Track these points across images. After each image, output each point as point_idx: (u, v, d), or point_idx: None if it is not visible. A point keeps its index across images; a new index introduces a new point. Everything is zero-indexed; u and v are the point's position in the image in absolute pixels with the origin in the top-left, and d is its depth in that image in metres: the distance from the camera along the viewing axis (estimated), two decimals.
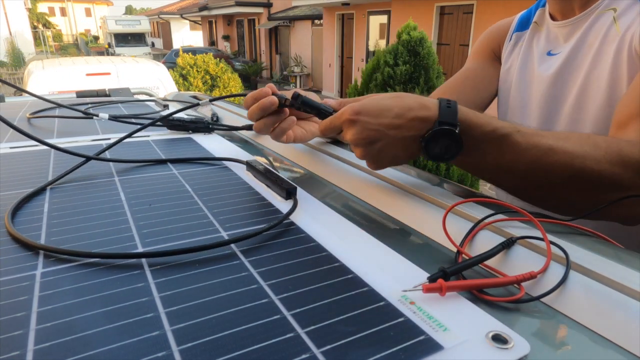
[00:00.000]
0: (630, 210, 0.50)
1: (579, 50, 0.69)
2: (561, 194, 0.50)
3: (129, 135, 0.71)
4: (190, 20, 23.81)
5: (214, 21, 21.23)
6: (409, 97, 0.49)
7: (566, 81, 0.71)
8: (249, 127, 0.86)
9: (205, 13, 19.37)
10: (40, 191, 0.52)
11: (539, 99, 0.75)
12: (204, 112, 1.16)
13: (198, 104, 0.81)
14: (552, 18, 0.77)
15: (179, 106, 1.25)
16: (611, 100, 0.63)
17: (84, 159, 0.61)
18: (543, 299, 0.33)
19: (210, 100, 0.84)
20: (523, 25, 0.85)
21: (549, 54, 0.76)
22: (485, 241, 0.40)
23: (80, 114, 0.98)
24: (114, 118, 0.92)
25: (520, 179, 0.50)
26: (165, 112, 1.07)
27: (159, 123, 0.82)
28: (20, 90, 1.06)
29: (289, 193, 0.50)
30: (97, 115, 0.92)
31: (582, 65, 0.68)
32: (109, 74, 3.95)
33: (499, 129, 0.47)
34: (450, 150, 0.47)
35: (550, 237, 0.38)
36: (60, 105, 1.06)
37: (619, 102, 0.59)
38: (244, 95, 0.69)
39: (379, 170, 0.55)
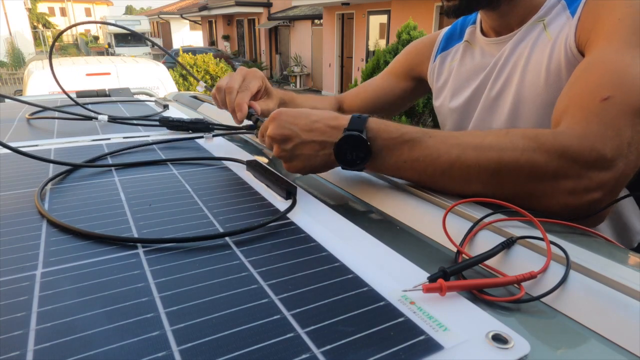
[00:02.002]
0: (557, 200, 0.47)
1: (509, 60, 0.70)
2: (487, 190, 0.48)
3: (132, 147, 0.71)
4: (190, 20, 23.82)
5: (214, 21, 21.23)
6: (328, 112, 0.55)
7: (499, 89, 0.71)
8: (248, 128, 0.86)
9: (205, 13, 19.37)
10: (40, 191, 0.52)
11: (473, 118, 0.77)
12: (205, 113, 1.16)
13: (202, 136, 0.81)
14: (485, 35, 0.77)
15: (179, 106, 1.25)
16: (548, 103, 0.63)
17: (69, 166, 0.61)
18: (543, 299, 0.33)
19: (214, 136, 0.82)
20: (447, 44, 0.86)
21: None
22: (486, 241, 0.40)
23: (80, 114, 0.98)
24: (113, 119, 0.92)
25: (442, 181, 0.50)
26: (165, 113, 1.07)
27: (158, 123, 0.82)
28: (14, 100, 1.06)
29: (288, 193, 0.50)
30: (96, 118, 0.92)
31: (513, 73, 0.69)
32: (109, 74, 3.95)
33: (407, 134, 0.50)
34: (359, 156, 0.50)
35: (550, 237, 0.38)
36: (54, 109, 1.06)
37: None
38: (250, 130, 0.78)
39: (295, 173, 0.57)
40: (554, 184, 0.47)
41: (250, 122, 0.73)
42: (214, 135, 0.81)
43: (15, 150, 0.57)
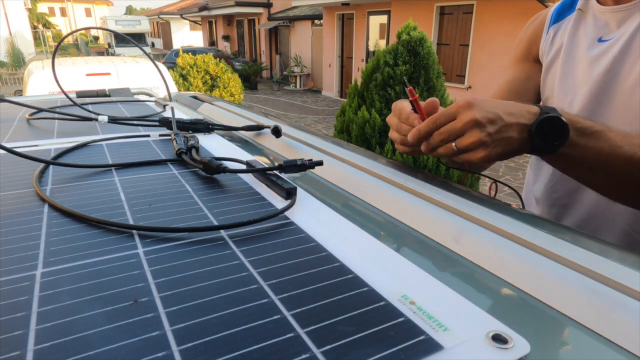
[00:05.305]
0: None
1: (636, 37, 0.67)
2: None
3: (136, 163, 0.71)
4: (190, 21, 23.80)
5: (214, 21, 21.23)
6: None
7: (621, 69, 0.69)
8: (248, 128, 0.86)
9: (205, 13, 19.37)
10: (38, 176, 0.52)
11: (590, 86, 0.73)
12: (205, 113, 1.16)
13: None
14: (601, 3, 0.74)
15: (179, 106, 1.25)
16: None
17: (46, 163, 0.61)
18: (543, 299, 0.33)
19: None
20: (559, 16, 0.82)
21: (600, 40, 0.73)
22: (486, 241, 0.40)
23: (80, 115, 0.98)
24: (113, 120, 0.92)
25: (615, 176, 0.53)
26: (165, 113, 1.07)
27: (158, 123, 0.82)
28: (13, 103, 1.05)
29: (288, 193, 0.50)
30: (96, 119, 0.92)
31: (639, 53, 0.66)
32: (109, 74, 3.95)
33: (595, 125, 0.52)
34: (558, 138, 0.51)
35: None
36: (53, 111, 1.06)
37: None
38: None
39: (486, 162, 0.56)
40: None
41: (251, 124, 0.73)
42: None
43: (9, 150, 0.57)
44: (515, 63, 0.90)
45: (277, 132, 0.79)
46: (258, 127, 0.86)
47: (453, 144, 0.53)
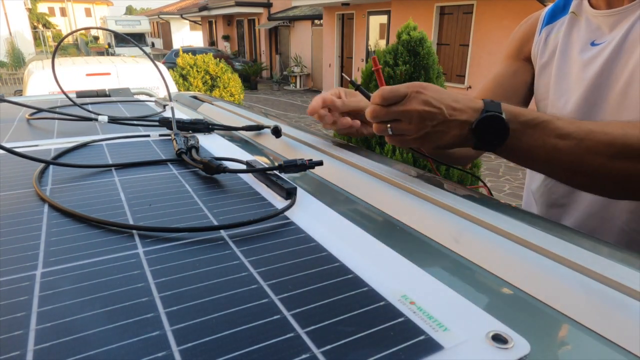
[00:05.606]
0: None
1: (627, 40, 0.68)
2: (608, 174, 0.53)
3: (136, 162, 0.71)
4: (190, 21, 23.80)
5: (214, 21, 21.22)
6: (462, 94, 0.56)
7: (613, 71, 0.69)
8: (248, 128, 0.86)
9: (205, 13, 19.37)
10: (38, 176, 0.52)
11: (583, 89, 0.73)
12: (205, 113, 1.16)
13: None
14: (593, 7, 0.74)
15: (179, 106, 1.25)
16: None
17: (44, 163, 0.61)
18: (543, 299, 0.33)
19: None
20: (552, 17, 0.82)
21: (593, 44, 0.73)
22: (484, 240, 0.40)
23: (80, 115, 0.98)
24: (113, 120, 0.92)
25: (568, 163, 0.54)
26: (165, 113, 1.07)
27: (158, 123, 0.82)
28: (13, 103, 1.06)
29: (289, 193, 0.50)
30: (97, 119, 0.92)
31: (630, 55, 0.67)
32: (109, 74, 3.95)
33: (540, 116, 0.53)
34: (499, 135, 0.53)
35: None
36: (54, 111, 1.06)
37: None
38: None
39: (414, 148, 0.58)
40: None
41: (251, 124, 0.73)
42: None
43: (9, 150, 0.57)
44: (505, 59, 0.92)
45: (277, 132, 0.79)
46: (258, 127, 0.86)
47: (389, 126, 0.55)
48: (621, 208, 0.69)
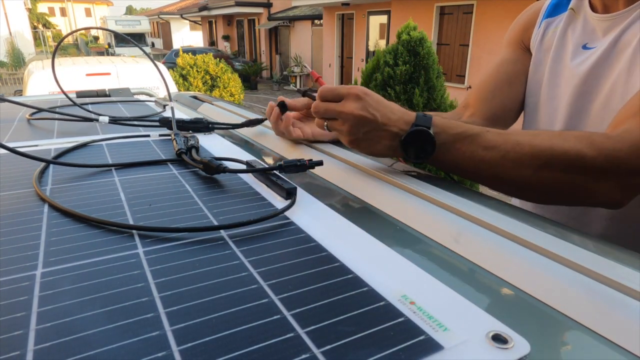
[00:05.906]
0: (596, 197, 0.55)
1: (615, 47, 0.67)
2: (535, 184, 0.55)
3: (137, 163, 0.71)
4: (190, 21, 23.81)
5: (214, 21, 21.23)
6: (399, 106, 0.59)
7: (599, 78, 0.69)
8: (248, 124, 0.86)
9: (205, 13, 19.37)
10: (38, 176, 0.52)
11: (569, 94, 0.73)
12: (205, 113, 1.16)
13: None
14: (593, 8, 0.73)
15: (179, 106, 1.25)
16: None
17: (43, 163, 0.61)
18: (543, 299, 0.33)
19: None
20: (554, 10, 0.81)
21: (585, 47, 0.73)
22: (484, 240, 0.40)
23: (80, 115, 0.98)
24: (114, 120, 0.92)
25: (494, 174, 0.55)
26: (165, 113, 1.07)
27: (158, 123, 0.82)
28: (15, 103, 1.06)
29: (288, 193, 0.50)
30: (97, 120, 0.92)
31: (615, 65, 0.66)
32: (109, 74, 3.95)
33: (470, 129, 0.55)
34: (425, 149, 0.55)
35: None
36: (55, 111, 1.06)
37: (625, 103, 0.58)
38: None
39: (354, 148, 0.59)
40: (595, 180, 0.52)
41: (249, 119, 0.73)
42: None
43: (10, 149, 0.57)
44: (507, 46, 0.91)
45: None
46: (258, 121, 0.86)
47: (325, 122, 0.59)
48: (599, 215, 0.70)
